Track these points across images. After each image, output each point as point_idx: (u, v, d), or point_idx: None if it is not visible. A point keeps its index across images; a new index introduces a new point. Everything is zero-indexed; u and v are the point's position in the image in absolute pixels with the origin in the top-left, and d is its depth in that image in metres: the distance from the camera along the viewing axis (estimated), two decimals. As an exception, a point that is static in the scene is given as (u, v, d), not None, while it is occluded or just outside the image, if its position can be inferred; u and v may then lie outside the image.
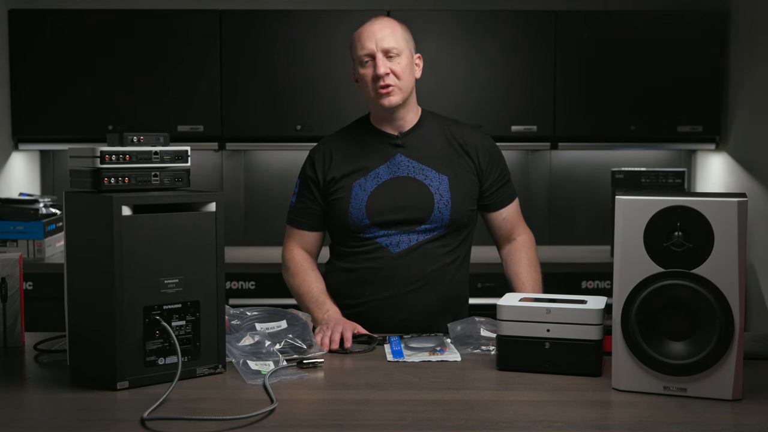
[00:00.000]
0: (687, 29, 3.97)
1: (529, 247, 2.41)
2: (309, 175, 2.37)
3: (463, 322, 2.12)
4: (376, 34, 2.26)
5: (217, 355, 1.84)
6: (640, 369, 1.69)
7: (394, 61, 2.26)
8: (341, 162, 2.34)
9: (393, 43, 2.26)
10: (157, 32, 3.91)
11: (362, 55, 2.27)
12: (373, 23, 2.30)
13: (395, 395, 1.71)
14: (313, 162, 2.37)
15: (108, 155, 1.80)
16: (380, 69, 2.24)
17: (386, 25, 2.29)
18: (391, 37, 2.27)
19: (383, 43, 2.25)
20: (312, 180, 2.36)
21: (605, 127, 4.00)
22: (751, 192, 3.70)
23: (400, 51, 2.27)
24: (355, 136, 2.38)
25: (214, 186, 4.30)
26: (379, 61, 2.25)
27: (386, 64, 2.25)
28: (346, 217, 2.29)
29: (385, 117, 2.34)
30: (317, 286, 2.30)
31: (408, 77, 2.29)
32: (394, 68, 2.25)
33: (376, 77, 2.25)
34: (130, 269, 1.73)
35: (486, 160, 2.35)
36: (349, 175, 2.32)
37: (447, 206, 2.28)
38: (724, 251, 1.63)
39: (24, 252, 3.59)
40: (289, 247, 2.40)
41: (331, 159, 2.35)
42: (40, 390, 1.77)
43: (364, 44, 2.27)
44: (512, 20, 3.98)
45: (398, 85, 2.26)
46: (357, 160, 2.33)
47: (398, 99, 2.27)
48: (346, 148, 2.36)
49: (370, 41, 2.26)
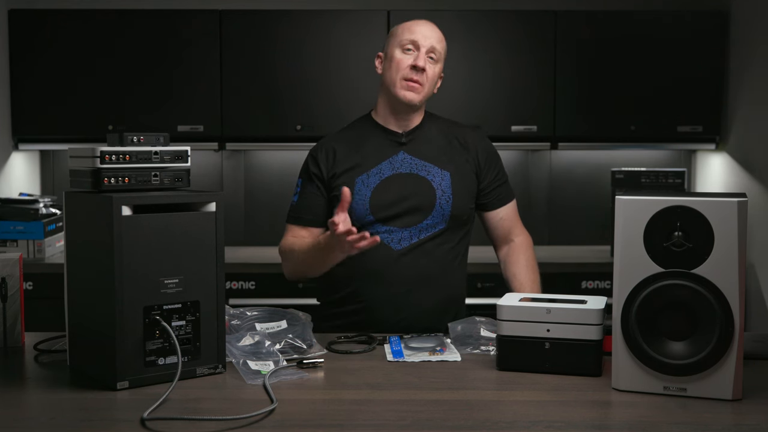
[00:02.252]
0: (687, 29, 3.97)
1: (527, 249, 2.42)
2: (313, 171, 2.36)
3: (463, 321, 2.12)
4: (427, 32, 2.31)
5: (217, 355, 1.84)
6: (640, 369, 1.69)
7: (431, 63, 2.30)
8: (344, 158, 2.34)
9: (440, 47, 2.32)
10: (157, 32, 3.92)
11: (408, 40, 2.30)
12: (426, 22, 2.35)
13: (395, 395, 1.71)
14: (316, 159, 2.36)
15: (108, 155, 1.80)
16: (420, 61, 2.27)
17: (437, 30, 2.35)
18: (440, 43, 2.32)
19: (432, 42, 2.30)
20: (316, 176, 2.35)
21: (605, 127, 4.00)
22: (751, 192, 3.70)
23: (440, 58, 2.33)
24: (358, 133, 2.39)
25: (214, 186, 4.30)
26: (423, 55, 2.28)
27: (426, 62, 2.28)
28: (350, 212, 2.29)
29: (394, 111, 2.34)
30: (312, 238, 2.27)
31: (432, 85, 2.33)
32: (428, 70, 2.29)
33: (414, 67, 2.27)
34: (130, 269, 1.73)
35: (484, 158, 2.37)
36: (351, 170, 2.32)
37: (448, 202, 2.29)
38: (724, 251, 1.63)
39: (24, 252, 3.59)
40: (287, 238, 2.37)
41: (334, 156, 2.35)
42: (40, 390, 1.77)
43: (414, 32, 2.30)
44: (512, 20, 3.98)
45: (424, 86, 2.30)
46: (360, 156, 2.33)
47: (418, 99, 2.30)
48: (348, 145, 2.36)
49: (421, 34, 2.30)
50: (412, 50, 2.29)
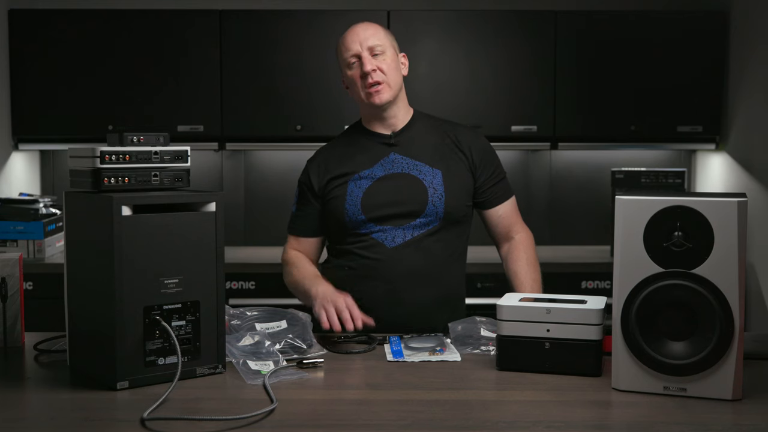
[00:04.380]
0: (687, 29, 3.97)
1: (528, 246, 2.42)
2: (305, 183, 2.41)
3: (463, 321, 2.12)
4: (359, 35, 2.32)
5: (217, 355, 1.84)
6: (640, 369, 1.69)
7: (380, 58, 2.30)
8: (336, 166, 2.37)
9: (377, 40, 2.31)
10: (157, 32, 3.92)
11: (348, 57, 2.32)
12: (354, 27, 2.36)
13: (395, 395, 1.71)
14: (308, 170, 2.42)
15: (108, 155, 1.80)
16: (367, 66, 2.28)
17: (368, 26, 2.35)
18: (374, 36, 2.32)
19: (367, 42, 2.30)
20: (308, 186, 2.40)
21: (605, 127, 4.01)
22: (751, 192, 3.70)
23: (384, 48, 2.32)
24: (349, 141, 2.42)
25: (214, 186, 4.30)
26: (366, 59, 2.29)
27: (372, 62, 2.29)
28: (342, 214, 2.31)
29: (376, 117, 2.36)
30: (312, 270, 2.34)
31: (395, 74, 2.33)
32: (380, 65, 2.30)
33: (363, 75, 2.29)
34: (130, 269, 1.73)
35: (479, 157, 2.37)
36: (344, 175, 2.35)
37: (441, 199, 2.30)
38: (724, 251, 1.63)
39: (24, 252, 3.59)
40: (287, 250, 2.44)
41: (326, 166, 2.38)
42: (40, 390, 1.77)
43: (348, 46, 2.32)
44: (512, 20, 3.98)
45: (387, 82, 2.30)
46: (351, 161, 2.36)
47: (388, 96, 2.31)
48: (340, 153, 2.39)
49: (354, 42, 2.31)
50: (356, 62, 2.31)
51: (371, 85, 2.29)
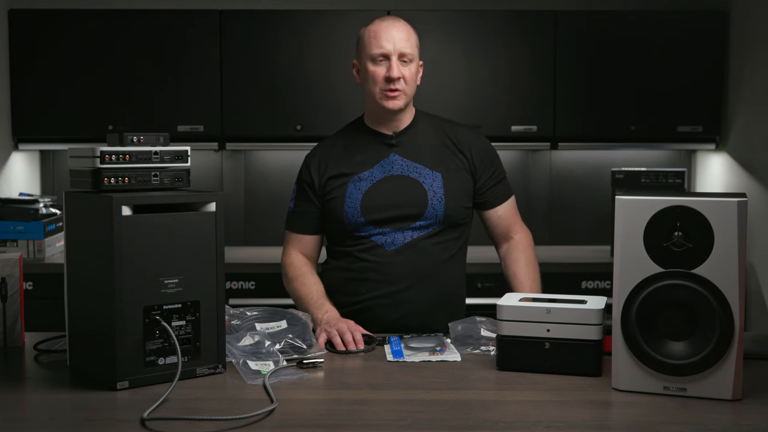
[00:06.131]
0: (687, 29, 3.97)
1: (527, 246, 2.42)
2: (305, 179, 2.39)
3: (463, 321, 2.12)
4: (394, 36, 2.28)
5: (217, 355, 1.84)
6: (640, 369, 1.69)
7: (406, 66, 2.29)
8: (336, 163, 2.36)
9: (409, 48, 2.29)
10: (157, 32, 3.91)
11: (377, 53, 2.28)
12: (390, 24, 2.31)
13: (395, 395, 1.71)
14: (308, 166, 2.39)
15: (108, 155, 1.80)
16: (394, 72, 2.26)
17: (403, 28, 2.31)
18: (408, 43, 2.29)
19: (400, 47, 2.27)
20: (308, 183, 2.38)
21: (605, 127, 4.00)
22: (751, 192, 3.70)
23: (413, 57, 2.30)
24: (350, 138, 2.40)
25: (214, 186, 4.30)
26: (395, 64, 2.27)
27: (400, 69, 2.27)
28: (342, 216, 2.30)
29: (382, 117, 2.35)
30: (316, 289, 2.31)
31: (413, 84, 2.33)
32: (404, 73, 2.28)
33: (388, 79, 2.27)
34: (130, 269, 1.73)
35: (479, 158, 2.37)
36: (344, 175, 2.34)
37: (441, 202, 2.29)
38: (724, 251, 1.63)
39: (24, 252, 3.59)
40: (288, 253, 2.42)
41: (326, 162, 2.37)
42: (40, 390, 1.77)
43: (381, 43, 2.28)
44: (512, 20, 3.98)
45: (405, 90, 2.29)
46: (351, 160, 2.35)
47: (402, 104, 2.30)
48: (340, 150, 2.38)
49: (389, 42, 2.27)
50: (383, 61, 2.28)
51: (392, 90, 2.27)
